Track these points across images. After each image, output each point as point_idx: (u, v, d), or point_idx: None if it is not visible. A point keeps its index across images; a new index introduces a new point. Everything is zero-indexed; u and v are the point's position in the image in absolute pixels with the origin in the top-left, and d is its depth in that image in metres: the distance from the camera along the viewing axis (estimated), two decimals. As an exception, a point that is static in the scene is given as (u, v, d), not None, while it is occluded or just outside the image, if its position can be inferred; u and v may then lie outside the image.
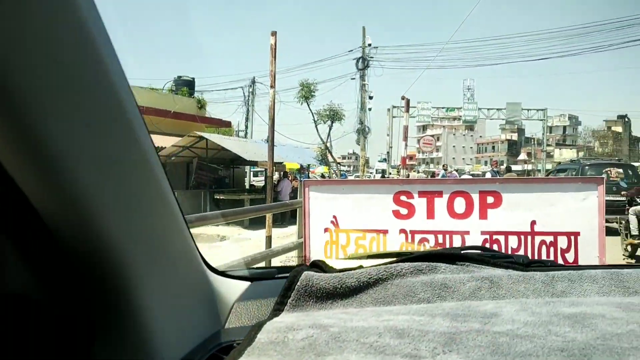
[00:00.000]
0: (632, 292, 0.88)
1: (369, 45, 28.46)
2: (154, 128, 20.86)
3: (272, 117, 7.72)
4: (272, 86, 7.71)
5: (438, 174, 19.17)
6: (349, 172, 60.53)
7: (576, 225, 3.03)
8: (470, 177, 17.69)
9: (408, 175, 28.94)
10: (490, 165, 20.12)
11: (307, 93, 20.65)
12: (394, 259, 1.06)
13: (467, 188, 3.21)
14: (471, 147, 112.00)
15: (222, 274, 1.13)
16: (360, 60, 28.27)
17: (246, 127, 32.96)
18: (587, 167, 15.23)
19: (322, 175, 36.25)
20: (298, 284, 0.94)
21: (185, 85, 26.25)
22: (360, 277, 0.94)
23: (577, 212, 3.02)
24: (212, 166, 21.09)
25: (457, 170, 30.57)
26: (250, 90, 32.06)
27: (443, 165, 30.51)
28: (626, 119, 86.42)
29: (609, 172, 14.64)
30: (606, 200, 2.99)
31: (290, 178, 25.34)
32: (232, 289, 1.11)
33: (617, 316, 0.75)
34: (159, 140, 19.81)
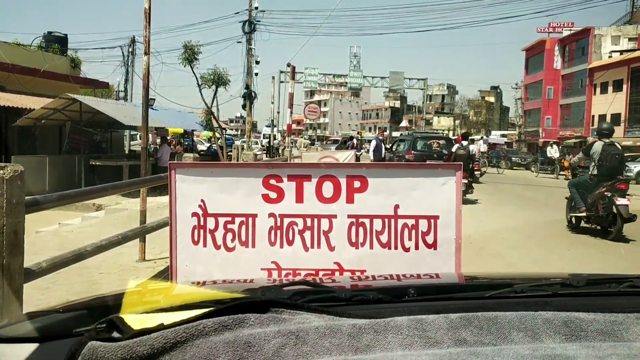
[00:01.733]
0: (432, 343, 0.89)
1: (256, 8, 27.92)
2: (21, 88, 19.24)
3: (147, 86, 7.25)
4: (147, 53, 7.24)
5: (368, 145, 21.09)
6: (236, 136, 59.70)
7: (436, 209, 3.16)
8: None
9: (295, 141, 29.07)
10: (376, 132, 21.49)
11: (190, 56, 19.75)
12: (204, 310, 0.96)
13: (335, 172, 3.23)
14: (357, 114, 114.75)
15: None
16: (247, 23, 27.70)
17: (125, 89, 31.30)
18: (418, 139, 19.95)
19: (209, 139, 35.47)
20: (79, 358, 0.82)
21: (57, 42, 24.29)
22: (154, 344, 0.85)
23: (437, 196, 3.15)
24: (87, 130, 19.82)
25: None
26: (130, 50, 30.38)
27: (358, 133, 30.54)
28: (498, 90, 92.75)
29: (433, 143, 19.32)
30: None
31: (173, 142, 24.58)
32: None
33: None
34: (26, 101, 18.29)
